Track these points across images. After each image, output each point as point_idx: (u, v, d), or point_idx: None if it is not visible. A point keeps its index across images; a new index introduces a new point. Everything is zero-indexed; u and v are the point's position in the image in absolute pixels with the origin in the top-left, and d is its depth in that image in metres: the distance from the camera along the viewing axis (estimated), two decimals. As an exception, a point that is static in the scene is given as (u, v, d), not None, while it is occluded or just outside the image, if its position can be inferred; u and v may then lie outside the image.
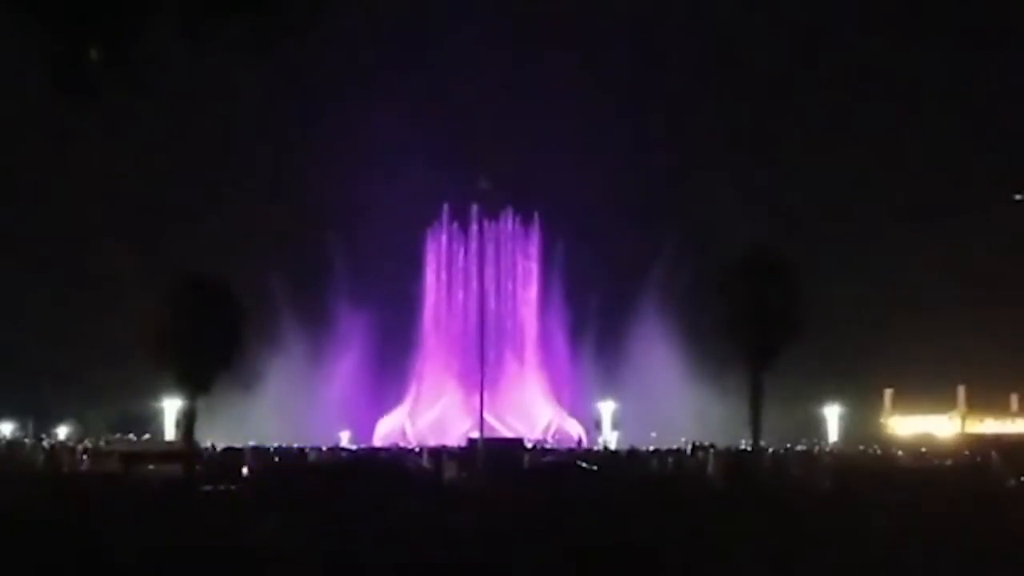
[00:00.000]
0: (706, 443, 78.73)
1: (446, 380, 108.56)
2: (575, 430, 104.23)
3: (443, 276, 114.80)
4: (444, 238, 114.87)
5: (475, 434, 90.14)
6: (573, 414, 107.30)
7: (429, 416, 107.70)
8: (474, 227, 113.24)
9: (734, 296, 51.36)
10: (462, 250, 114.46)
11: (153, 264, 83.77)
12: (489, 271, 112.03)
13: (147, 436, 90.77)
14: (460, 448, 79.38)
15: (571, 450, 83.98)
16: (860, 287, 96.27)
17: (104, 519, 25.86)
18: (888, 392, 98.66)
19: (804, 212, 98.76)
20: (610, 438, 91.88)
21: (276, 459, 67.73)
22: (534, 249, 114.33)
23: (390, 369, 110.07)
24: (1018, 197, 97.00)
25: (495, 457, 62.05)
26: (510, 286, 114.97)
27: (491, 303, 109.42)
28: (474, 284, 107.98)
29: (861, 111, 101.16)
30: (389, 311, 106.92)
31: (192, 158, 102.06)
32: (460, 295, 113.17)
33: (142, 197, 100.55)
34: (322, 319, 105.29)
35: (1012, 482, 47.12)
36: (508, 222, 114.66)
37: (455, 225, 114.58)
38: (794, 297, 51.46)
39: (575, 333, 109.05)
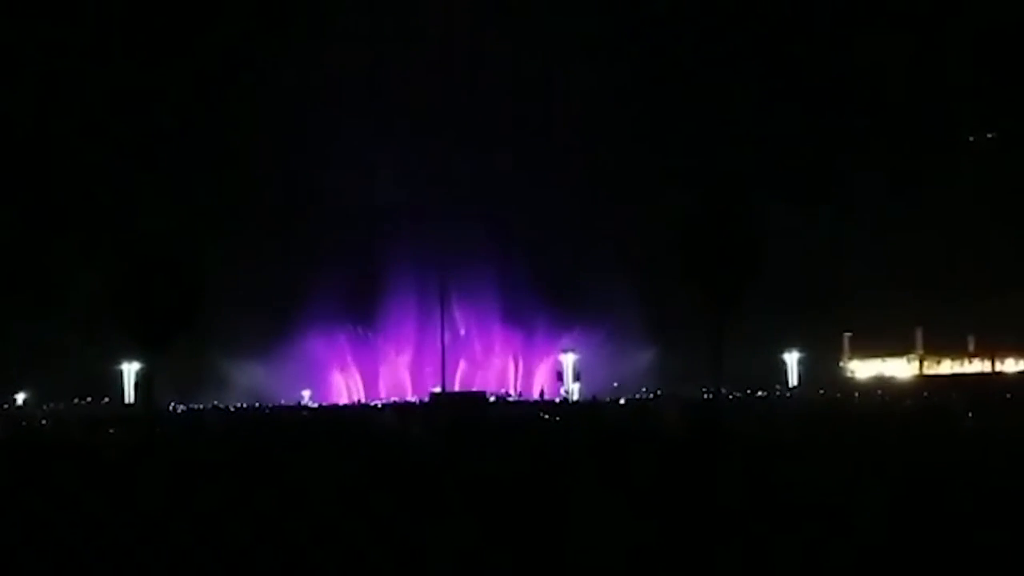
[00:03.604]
0: (666, 392, 79.28)
1: (408, 334, 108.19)
2: (537, 382, 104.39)
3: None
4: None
5: (437, 388, 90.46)
6: (534, 366, 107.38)
7: (391, 371, 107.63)
8: None
9: (692, 244, 51.30)
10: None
11: (109, 227, 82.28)
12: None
13: (106, 400, 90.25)
14: (422, 403, 79.56)
15: (534, 402, 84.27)
16: (816, 232, 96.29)
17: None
18: (846, 336, 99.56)
19: (756, 156, 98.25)
20: (572, 389, 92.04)
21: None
22: None
23: (353, 327, 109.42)
24: (971, 139, 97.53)
25: (457, 411, 62.05)
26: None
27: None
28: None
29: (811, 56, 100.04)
30: (351, 269, 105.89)
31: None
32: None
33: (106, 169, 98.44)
34: (285, 280, 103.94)
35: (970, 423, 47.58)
36: None
37: None
38: (751, 243, 51.43)
39: (536, 284, 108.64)
